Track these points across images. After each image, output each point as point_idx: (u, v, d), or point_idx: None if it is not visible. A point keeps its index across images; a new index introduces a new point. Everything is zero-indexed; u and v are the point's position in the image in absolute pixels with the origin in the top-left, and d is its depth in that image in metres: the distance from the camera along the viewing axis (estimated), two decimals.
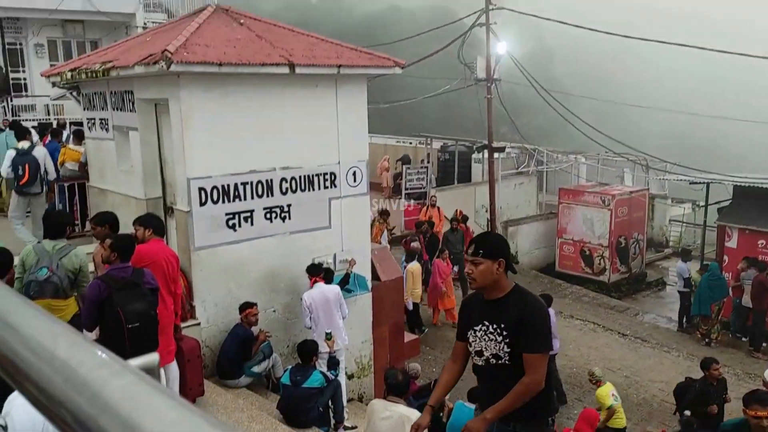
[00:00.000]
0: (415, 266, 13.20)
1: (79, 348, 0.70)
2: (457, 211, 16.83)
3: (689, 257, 16.96)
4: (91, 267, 6.68)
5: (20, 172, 9.35)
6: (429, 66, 22.02)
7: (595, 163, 25.20)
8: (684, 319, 16.44)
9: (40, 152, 9.78)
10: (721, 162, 37.40)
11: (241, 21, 9.05)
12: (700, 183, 19.12)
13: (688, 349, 14.83)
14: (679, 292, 16.75)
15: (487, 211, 20.27)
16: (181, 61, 7.31)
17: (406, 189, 20.01)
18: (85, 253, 6.42)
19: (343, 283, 9.03)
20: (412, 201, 19.77)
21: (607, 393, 9.54)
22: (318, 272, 8.55)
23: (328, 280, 8.63)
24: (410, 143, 26.70)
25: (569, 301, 17.86)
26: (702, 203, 20.39)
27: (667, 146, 45.97)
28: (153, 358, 0.75)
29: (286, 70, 8.18)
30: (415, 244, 13.76)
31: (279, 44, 8.58)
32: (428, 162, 22.72)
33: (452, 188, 21.95)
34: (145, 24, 21.71)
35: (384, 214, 15.80)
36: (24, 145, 9.73)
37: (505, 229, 20.53)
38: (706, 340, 15.29)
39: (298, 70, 8.27)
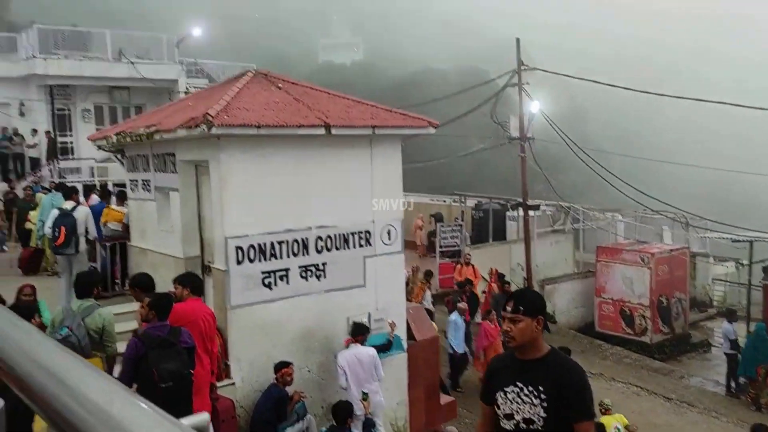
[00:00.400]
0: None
1: (134, 407, 0.71)
2: (492, 269, 16.67)
3: (735, 318, 16.38)
4: (132, 325, 6.76)
5: (56, 233, 9.65)
6: (462, 125, 22.30)
7: (633, 220, 24.85)
8: (732, 383, 15.76)
9: (82, 212, 10.09)
10: (762, 219, 36.55)
11: (279, 85, 9.35)
12: (742, 241, 18.66)
13: (737, 415, 14.15)
14: (725, 354, 16.12)
15: (523, 269, 20.04)
16: (222, 124, 7.55)
17: (441, 247, 19.95)
18: (112, 313, 6.45)
19: (385, 348, 8.88)
20: (447, 259, 19.67)
21: (611, 424, 9.24)
22: (362, 333, 8.44)
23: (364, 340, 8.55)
24: (444, 201, 26.77)
25: (610, 363, 17.31)
26: (746, 262, 19.84)
27: (705, 203, 45.16)
28: (204, 417, 0.76)
29: (322, 131, 8.38)
30: (462, 305, 13.41)
31: (315, 107, 8.82)
32: (462, 220, 22.69)
33: (487, 246, 21.81)
34: (187, 89, 22.58)
35: (428, 275, 15.69)
36: (69, 205, 10.06)
37: (542, 287, 20.21)
38: (756, 405, 14.60)
39: (334, 131, 8.46)
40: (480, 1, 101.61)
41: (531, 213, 20.31)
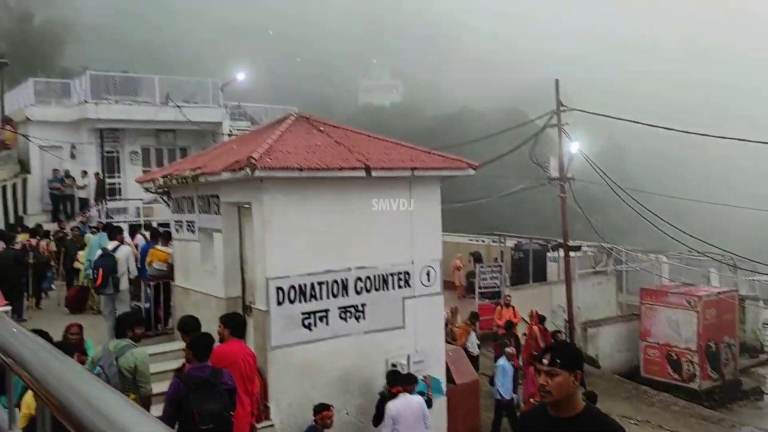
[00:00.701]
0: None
1: None
2: (532, 311, 16.39)
3: None
4: (173, 365, 6.84)
5: (94, 274, 9.92)
6: (501, 165, 22.26)
7: (678, 262, 24.22)
8: None
9: (124, 251, 10.38)
10: None
11: (321, 128, 9.54)
12: None
13: None
14: None
15: (564, 311, 19.63)
16: (265, 167, 7.73)
17: (480, 288, 19.75)
18: (146, 354, 6.45)
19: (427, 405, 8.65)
20: (486, 300, 19.43)
21: None
22: (411, 382, 8.24)
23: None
24: (483, 241, 26.58)
25: (657, 410, 16.70)
26: None
27: (754, 245, 43.83)
28: None
29: (362, 173, 8.49)
30: (510, 350, 13.12)
31: (356, 149, 8.96)
32: (502, 260, 22.45)
33: (527, 287, 21.47)
34: (230, 132, 23.17)
35: (473, 317, 15.52)
36: (112, 245, 10.37)
37: (584, 330, 19.74)
38: None
39: (374, 174, 8.57)
40: (519, 42, 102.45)
41: (572, 254, 19.98)
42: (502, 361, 12.72)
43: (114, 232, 11.21)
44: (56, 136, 21.49)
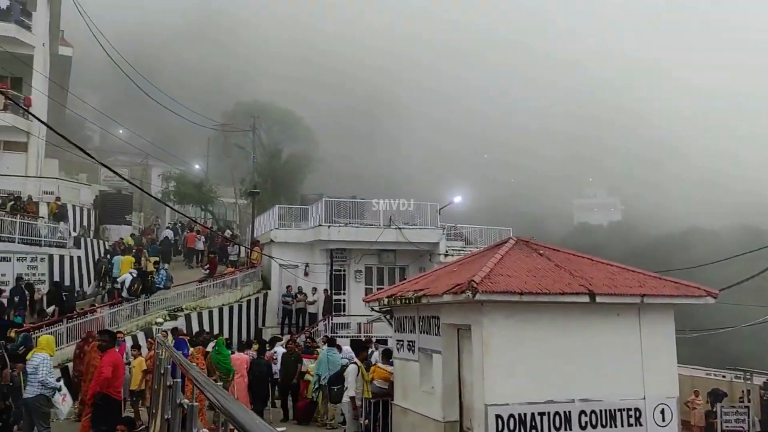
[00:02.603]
0: None
1: None
2: None
3: None
4: None
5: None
6: (740, 290, 19.93)
7: None
8: None
9: (353, 370, 11.02)
10: None
11: (541, 252, 9.48)
12: None
13: None
14: None
15: None
16: (485, 290, 7.80)
17: (723, 431, 17.24)
18: None
19: None
20: None
21: None
22: None
23: None
24: (723, 376, 23.46)
25: None
26: None
27: None
28: None
29: (586, 299, 8.18)
30: None
31: (578, 273, 8.70)
32: (748, 400, 19.51)
33: None
34: (446, 251, 23.91)
35: None
36: (344, 361, 11.11)
37: None
38: None
39: (598, 299, 8.21)
40: (754, 160, 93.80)
41: None
42: None
43: (360, 348, 12.11)
44: (293, 256, 23.94)
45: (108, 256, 22.60)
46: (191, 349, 12.14)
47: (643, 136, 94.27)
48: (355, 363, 11.75)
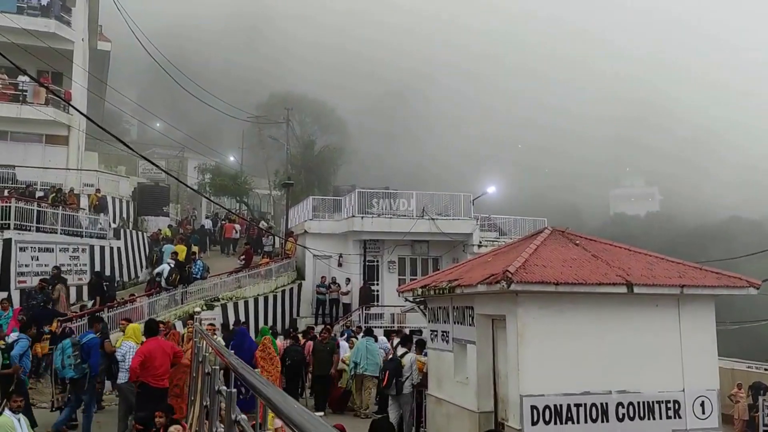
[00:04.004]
0: None
1: None
2: None
3: None
4: None
5: (381, 376, 10.84)
6: None
7: None
8: None
9: (409, 358, 11.28)
10: None
11: (577, 242, 9.36)
12: None
13: None
14: None
15: None
16: (521, 280, 7.74)
17: (765, 425, 16.87)
18: None
19: None
20: None
21: None
22: None
23: None
24: (766, 369, 22.89)
25: None
26: None
27: None
28: None
29: (623, 289, 8.05)
30: None
31: (615, 264, 8.57)
32: None
33: None
34: (480, 242, 23.76)
35: None
36: (400, 351, 11.35)
37: None
38: None
39: (636, 290, 8.07)
40: None
41: None
42: None
43: (406, 340, 12.25)
44: (327, 247, 24.07)
45: (162, 243, 23.74)
46: (263, 338, 11.82)
47: (682, 121, 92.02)
48: (413, 354, 11.69)
